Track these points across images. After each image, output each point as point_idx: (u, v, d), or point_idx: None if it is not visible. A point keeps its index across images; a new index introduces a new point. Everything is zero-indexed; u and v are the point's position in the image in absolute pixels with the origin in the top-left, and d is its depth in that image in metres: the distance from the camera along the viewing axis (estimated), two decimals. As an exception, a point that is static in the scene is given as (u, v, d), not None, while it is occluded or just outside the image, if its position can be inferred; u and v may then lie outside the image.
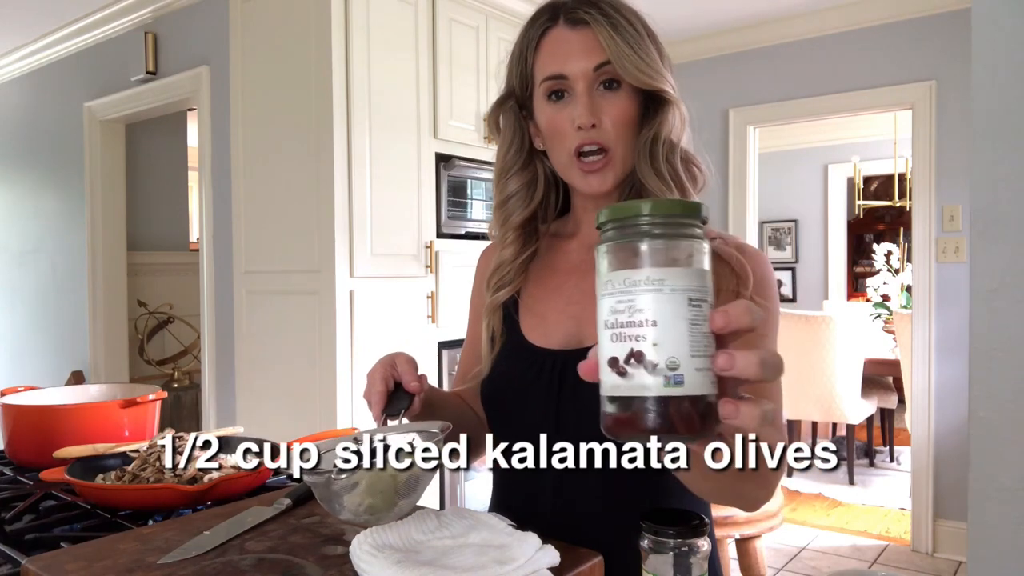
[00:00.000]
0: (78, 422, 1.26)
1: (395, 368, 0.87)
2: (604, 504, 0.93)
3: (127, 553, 0.76)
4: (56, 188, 4.16)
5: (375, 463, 0.73)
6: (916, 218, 3.39)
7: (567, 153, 0.90)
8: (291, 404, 2.73)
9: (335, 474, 0.72)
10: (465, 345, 1.12)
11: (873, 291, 5.58)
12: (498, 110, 0.97)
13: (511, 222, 0.97)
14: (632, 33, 0.86)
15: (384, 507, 0.74)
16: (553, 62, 0.89)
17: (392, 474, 0.73)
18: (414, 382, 0.86)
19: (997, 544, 1.55)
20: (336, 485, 0.73)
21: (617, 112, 0.88)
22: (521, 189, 0.97)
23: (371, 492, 0.73)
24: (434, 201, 2.89)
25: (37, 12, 3.63)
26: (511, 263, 0.98)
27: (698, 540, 0.69)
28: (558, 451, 0.91)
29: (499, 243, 1.00)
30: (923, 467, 3.39)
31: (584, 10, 0.87)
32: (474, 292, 1.11)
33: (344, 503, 0.73)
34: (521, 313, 0.98)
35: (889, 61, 3.43)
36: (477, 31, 3.08)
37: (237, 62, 2.91)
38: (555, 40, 0.89)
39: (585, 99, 0.87)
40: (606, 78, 0.87)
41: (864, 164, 5.94)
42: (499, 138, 0.98)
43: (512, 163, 0.97)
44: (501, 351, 0.98)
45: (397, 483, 0.74)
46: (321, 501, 0.75)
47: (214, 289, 3.17)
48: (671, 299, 0.47)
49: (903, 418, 4.17)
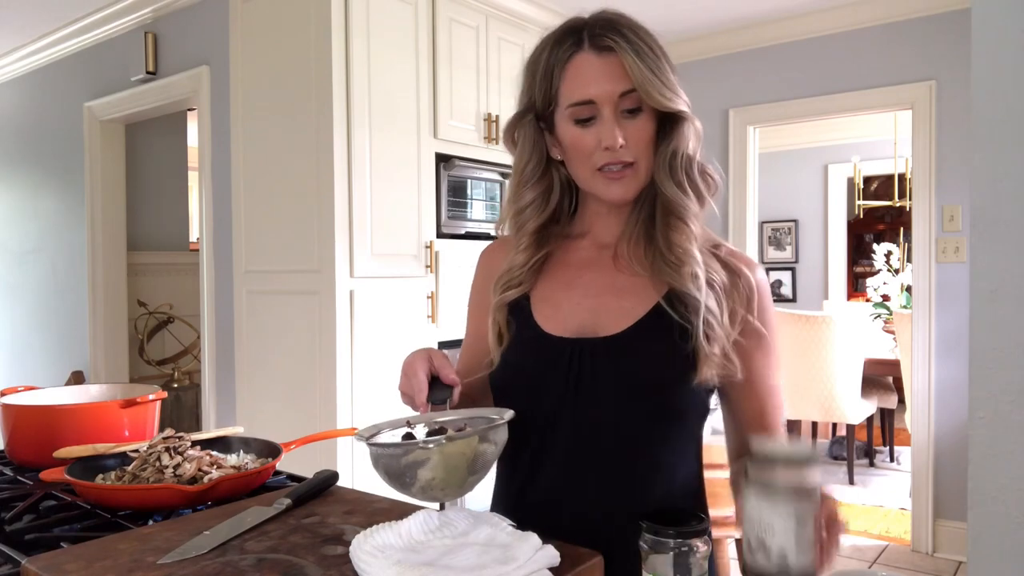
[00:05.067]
0: (78, 422, 1.26)
1: (432, 361, 0.91)
2: (609, 502, 0.94)
3: (127, 553, 0.76)
4: (56, 188, 4.16)
5: (453, 436, 0.76)
6: (916, 218, 3.39)
7: (591, 168, 0.95)
8: (291, 404, 2.73)
9: (421, 444, 0.74)
10: (465, 342, 1.13)
11: (873, 291, 5.57)
12: (516, 125, 1.01)
13: (526, 228, 1.01)
14: (653, 58, 0.91)
15: (456, 483, 0.76)
16: (581, 87, 0.93)
17: (464, 451, 0.75)
18: (453, 374, 0.91)
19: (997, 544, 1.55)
20: (409, 457, 0.74)
21: (640, 134, 0.93)
22: (537, 199, 1.01)
23: (445, 467, 0.75)
24: (434, 201, 2.89)
25: (37, 12, 3.62)
26: (522, 268, 1.01)
27: (698, 540, 0.69)
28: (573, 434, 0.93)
29: (512, 246, 1.03)
30: (923, 467, 3.39)
31: (610, 37, 0.91)
32: (473, 289, 1.13)
33: (417, 476, 0.75)
34: (535, 305, 1.01)
35: (889, 61, 3.43)
36: (477, 31, 3.08)
37: (237, 62, 2.91)
38: (582, 65, 0.93)
39: (612, 123, 0.92)
40: (628, 105, 0.92)
41: (864, 164, 5.93)
42: (515, 150, 1.02)
43: (531, 176, 1.01)
44: (514, 342, 1.00)
45: (468, 461, 0.76)
46: (387, 477, 0.77)
47: (214, 289, 3.17)
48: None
49: (903, 418, 4.17)
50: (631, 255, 0.98)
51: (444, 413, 0.87)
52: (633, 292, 0.96)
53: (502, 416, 0.81)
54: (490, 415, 0.84)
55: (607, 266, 1.00)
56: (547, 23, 3.40)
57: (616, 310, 0.96)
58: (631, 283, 0.97)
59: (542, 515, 0.90)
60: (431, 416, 0.86)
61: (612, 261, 1.00)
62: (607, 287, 0.98)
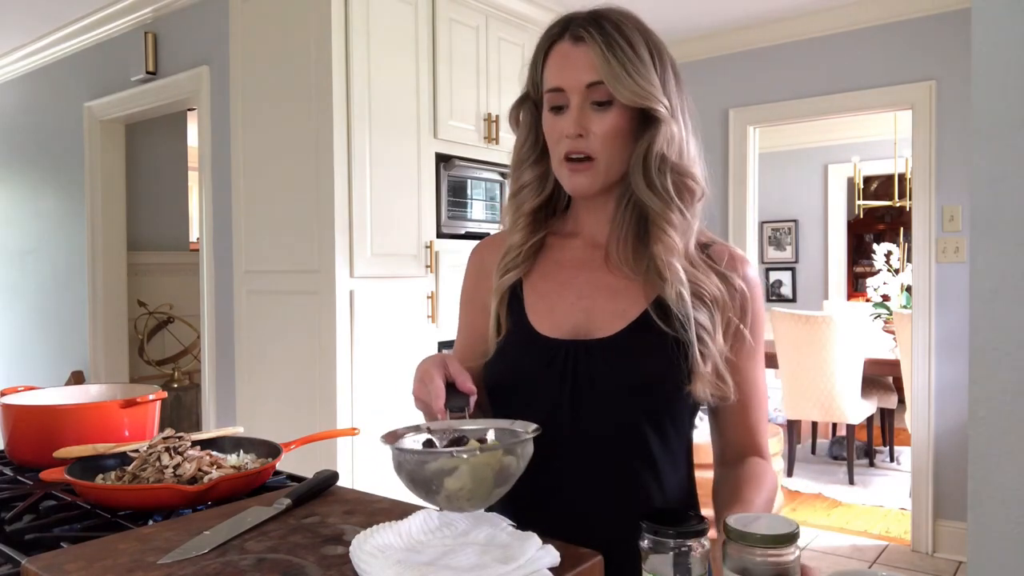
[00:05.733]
0: (78, 422, 1.26)
1: (448, 368, 0.90)
2: (605, 503, 0.94)
3: (127, 553, 0.76)
4: (56, 188, 4.16)
5: (485, 447, 0.76)
6: (916, 218, 3.39)
7: (558, 158, 0.97)
8: (291, 404, 2.73)
9: (454, 452, 0.74)
10: (458, 339, 1.14)
11: (873, 291, 5.57)
12: (517, 108, 1.05)
13: (523, 209, 1.04)
14: (627, 53, 0.91)
15: (482, 495, 0.75)
16: (554, 75, 0.96)
17: (491, 463, 0.74)
18: (470, 383, 0.89)
19: (997, 544, 1.55)
20: (436, 465, 0.73)
21: (605, 126, 0.94)
22: (534, 180, 1.03)
23: (473, 477, 0.74)
24: (434, 201, 2.89)
25: (37, 12, 3.63)
26: (519, 247, 1.03)
27: (698, 540, 0.69)
28: (569, 434, 0.93)
29: (509, 231, 1.06)
30: (923, 467, 3.39)
31: (587, 29, 0.93)
32: (464, 286, 1.15)
33: (444, 486, 0.73)
34: (529, 306, 1.01)
35: (889, 61, 3.43)
36: (477, 31, 3.08)
37: (237, 62, 2.91)
38: (558, 54, 0.96)
39: (576, 112, 0.94)
40: (598, 97, 0.93)
41: (864, 164, 5.93)
42: (517, 132, 1.06)
43: (527, 156, 1.03)
44: (509, 340, 1.01)
45: (495, 472, 0.75)
46: (412, 483, 0.76)
47: (214, 289, 3.17)
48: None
49: (903, 418, 4.17)
50: (621, 257, 0.98)
51: (464, 422, 0.85)
52: (626, 294, 0.97)
53: (527, 430, 0.80)
54: (513, 427, 0.83)
55: (599, 267, 1.01)
56: (547, 23, 3.39)
57: (610, 312, 0.96)
58: (624, 285, 0.97)
59: (541, 515, 0.90)
60: (451, 424, 0.84)
61: (604, 262, 1.00)
62: (600, 288, 0.99)
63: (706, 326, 0.92)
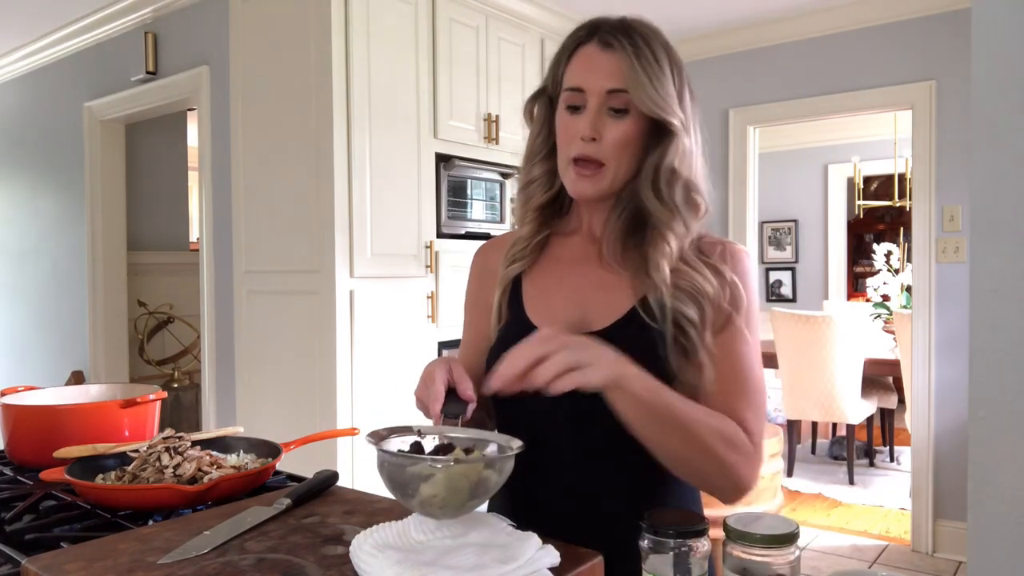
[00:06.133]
0: (78, 422, 1.26)
1: (451, 373, 0.90)
2: (602, 500, 0.94)
3: (127, 553, 0.76)
4: (56, 188, 4.16)
5: (463, 459, 0.76)
6: (916, 218, 3.39)
7: (566, 157, 0.98)
8: (291, 404, 2.73)
9: (430, 460, 0.74)
10: (463, 341, 1.14)
11: (873, 291, 5.57)
12: (533, 101, 1.06)
13: (531, 203, 1.05)
14: (654, 66, 0.93)
15: (455, 504, 0.75)
16: (577, 75, 0.97)
17: (468, 474, 0.74)
18: (470, 391, 0.90)
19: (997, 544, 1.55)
20: (414, 470, 0.74)
21: (618, 133, 0.95)
22: (543, 176, 1.04)
23: (447, 487, 0.74)
24: (434, 201, 2.89)
25: (37, 12, 3.62)
26: (527, 240, 1.05)
27: (698, 540, 0.69)
28: (567, 430, 0.93)
29: (518, 224, 1.08)
30: (923, 467, 3.39)
31: (617, 37, 0.95)
32: (469, 288, 1.15)
33: (419, 491, 0.74)
34: (527, 300, 1.03)
35: (889, 61, 3.43)
36: (477, 31, 3.08)
37: (237, 62, 2.91)
38: (584, 56, 0.97)
39: (592, 115, 0.95)
40: (616, 104, 0.94)
41: (864, 164, 5.93)
42: (531, 125, 1.07)
43: (539, 150, 1.04)
44: (507, 332, 1.01)
45: (472, 484, 0.75)
46: (390, 484, 0.76)
47: (214, 289, 3.17)
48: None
49: (903, 418, 4.17)
50: (611, 253, 1.00)
51: (454, 429, 0.86)
52: (617, 288, 0.98)
53: (510, 446, 0.80)
54: (499, 441, 0.83)
55: (594, 261, 1.02)
56: (547, 23, 3.40)
57: (604, 305, 0.97)
58: (615, 280, 0.99)
59: (541, 514, 0.90)
60: (442, 429, 0.85)
61: (598, 257, 1.02)
62: (594, 282, 1.00)
63: (694, 320, 0.92)
